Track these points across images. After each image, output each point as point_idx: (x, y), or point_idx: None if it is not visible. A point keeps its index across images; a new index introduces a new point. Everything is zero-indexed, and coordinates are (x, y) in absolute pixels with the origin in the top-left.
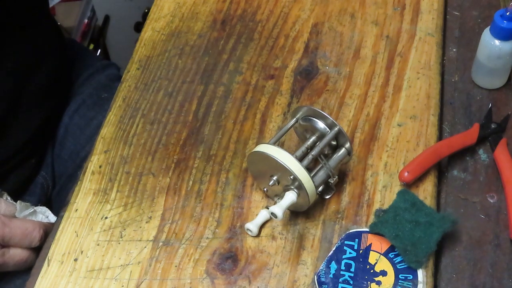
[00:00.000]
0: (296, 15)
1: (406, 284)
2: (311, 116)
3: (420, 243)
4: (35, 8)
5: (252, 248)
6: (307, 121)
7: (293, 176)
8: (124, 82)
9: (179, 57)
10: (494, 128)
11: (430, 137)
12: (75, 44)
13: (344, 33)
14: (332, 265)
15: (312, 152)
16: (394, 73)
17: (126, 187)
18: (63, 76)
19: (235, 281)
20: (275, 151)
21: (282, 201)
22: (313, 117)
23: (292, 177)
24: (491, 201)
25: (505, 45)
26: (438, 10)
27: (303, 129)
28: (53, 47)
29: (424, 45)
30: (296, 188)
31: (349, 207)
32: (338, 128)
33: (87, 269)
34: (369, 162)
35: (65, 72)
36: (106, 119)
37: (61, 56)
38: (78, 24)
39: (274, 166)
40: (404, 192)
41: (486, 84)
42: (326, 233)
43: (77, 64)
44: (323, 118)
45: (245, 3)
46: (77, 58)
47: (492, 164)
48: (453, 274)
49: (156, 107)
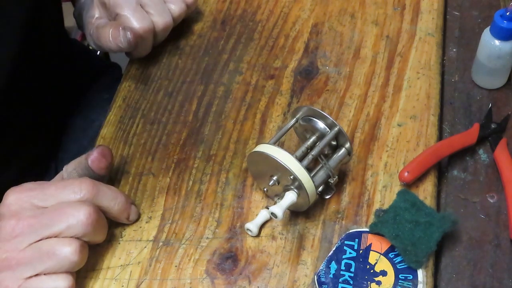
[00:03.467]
0: (296, 15)
1: (406, 284)
2: (311, 116)
3: (420, 243)
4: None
5: (252, 248)
6: (307, 121)
7: (293, 176)
8: (124, 82)
9: (179, 57)
10: (494, 128)
11: (430, 137)
12: (77, 44)
13: (344, 33)
14: (332, 265)
15: (312, 152)
16: (394, 73)
17: (126, 187)
18: (67, 77)
19: (235, 281)
20: (275, 151)
21: (282, 201)
22: (313, 117)
23: (292, 177)
24: (491, 201)
25: (505, 45)
26: (438, 10)
27: (303, 129)
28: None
29: (424, 45)
30: (296, 188)
31: (349, 207)
32: (338, 128)
33: (87, 269)
34: (369, 162)
35: (68, 72)
36: (106, 119)
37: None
38: None
39: (274, 166)
40: (404, 192)
41: (486, 84)
42: (326, 233)
43: (80, 65)
44: (323, 118)
45: (245, 3)
46: (80, 59)
47: (492, 164)
48: (453, 274)
49: (156, 107)
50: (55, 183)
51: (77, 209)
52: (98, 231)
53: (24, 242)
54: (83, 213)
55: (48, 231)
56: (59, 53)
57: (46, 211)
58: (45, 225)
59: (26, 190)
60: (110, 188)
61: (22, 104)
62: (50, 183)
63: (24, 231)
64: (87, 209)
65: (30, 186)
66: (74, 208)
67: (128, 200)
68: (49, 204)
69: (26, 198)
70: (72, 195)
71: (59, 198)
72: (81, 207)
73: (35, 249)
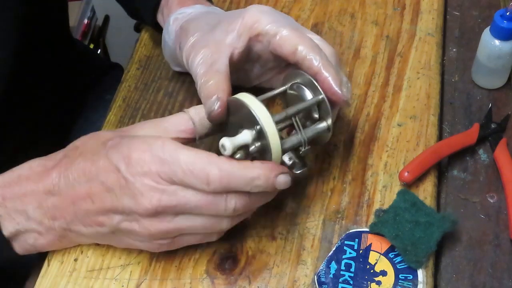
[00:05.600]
0: (296, 15)
1: (406, 284)
2: (301, 84)
3: (420, 243)
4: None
5: (252, 248)
6: (295, 89)
7: (259, 126)
8: (124, 82)
9: None
10: (494, 128)
11: (430, 137)
12: (79, 44)
13: (344, 33)
14: (332, 265)
15: (287, 110)
16: (394, 73)
17: None
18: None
19: (235, 281)
20: (248, 99)
21: (236, 136)
22: (303, 85)
23: (258, 128)
24: (491, 201)
25: (505, 45)
26: (438, 10)
27: (291, 98)
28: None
29: (424, 45)
30: (260, 140)
31: (349, 207)
32: (322, 97)
33: (87, 269)
34: (369, 162)
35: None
36: (106, 119)
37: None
38: (78, 24)
39: (244, 117)
40: (404, 192)
41: (486, 84)
42: (326, 233)
43: (81, 66)
44: (312, 87)
45: (245, 3)
46: (81, 60)
47: (492, 164)
48: (453, 274)
49: (156, 107)
50: (184, 161)
51: (221, 222)
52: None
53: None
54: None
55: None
56: (61, 53)
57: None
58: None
59: (156, 162)
60: (245, 169)
61: (23, 106)
62: (177, 161)
63: (165, 211)
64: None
65: (159, 159)
66: (218, 221)
67: (270, 176)
68: (176, 183)
69: (155, 171)
70: (200, 185)
71: (187, 183)
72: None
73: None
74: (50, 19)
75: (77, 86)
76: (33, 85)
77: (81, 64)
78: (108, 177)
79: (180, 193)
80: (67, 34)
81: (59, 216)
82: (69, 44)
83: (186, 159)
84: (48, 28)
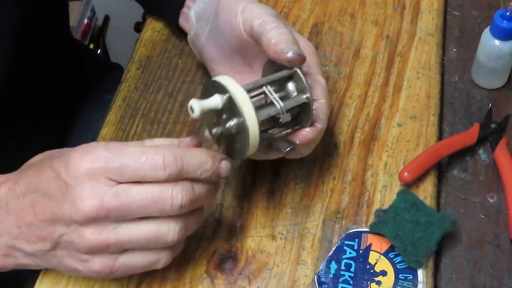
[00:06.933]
0: (296, 15)
1: (406, 284)
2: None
3: (420, 243)
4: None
5: (252, 248)
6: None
7: (229, 94)
8: (124, 82)
9: (179, 57)
10: (494, 128)
11: (430, 137)
12: (79, 44)
13: (344, 33)
14: (332, 265)
15: (257, 80)
16: (394, 73)
17: None
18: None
19: (235, 281)
20: (222, 78)
21: (206, 100)
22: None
23: (228, 95)
24: (491, 201)
25: (505, 45)
26: (438, 10)
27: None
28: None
29: (424, 45)
30: (232, 107)
31: (349, 207)
32: (294, 70)
33: None
34: (369, 162)
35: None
36: (106, 119)
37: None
38: (78, 24)
39: (218, 91)
40: (404, 192)
41: (486, 84)
42: (326, 233)
43: (81, 66)
44: (294, 75)
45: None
46: (81, 59)
47: (492, 164)
48: (453, 274)
49: (156, 107)
50: (133, 152)
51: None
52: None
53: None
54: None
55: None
56: (61, 53)
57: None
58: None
59: (99, 161)
60: (193, 153)
61: (23, 106)
62: (126, 152)
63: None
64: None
65: (103, 156)
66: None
67: (215, 161)
68: (125, 179)
69: (100, 171)
70: (154, 172)
71: (138, 174)
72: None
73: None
74: (50, 19)
75: (77, 86)
76: (33, 85)
77: (81, 64)
78: (49, 185)
79: (123, 193)
80: (67, 34)
81: (4, 231)
82: (69, 44)
83: (136, 150)
84: (48, 28)
